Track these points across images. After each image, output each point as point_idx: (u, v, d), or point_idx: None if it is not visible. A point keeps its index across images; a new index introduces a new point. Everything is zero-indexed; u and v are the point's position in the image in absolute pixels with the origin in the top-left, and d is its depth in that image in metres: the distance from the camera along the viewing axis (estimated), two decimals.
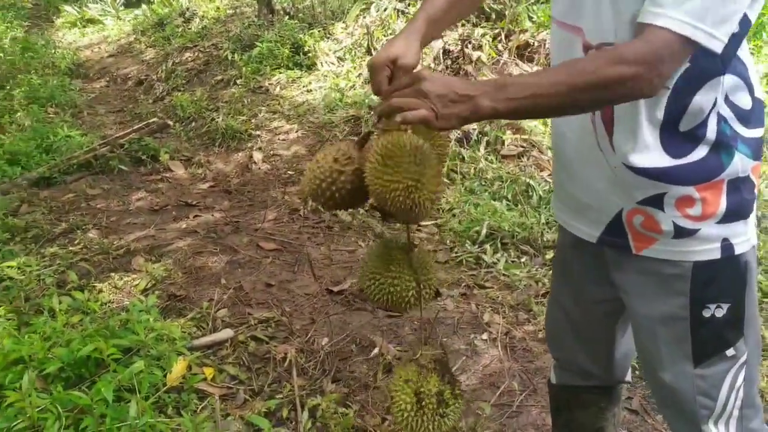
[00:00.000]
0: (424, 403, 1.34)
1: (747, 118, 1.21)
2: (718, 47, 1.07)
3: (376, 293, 1.35)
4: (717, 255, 1.23)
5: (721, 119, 1.19)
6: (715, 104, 1.17)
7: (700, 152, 1.19)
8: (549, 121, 1.39)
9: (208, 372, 2.37)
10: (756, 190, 1.27)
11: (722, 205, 1.21)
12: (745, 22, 1.13)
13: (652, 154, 1.19)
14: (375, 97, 5.06)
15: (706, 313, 1.25)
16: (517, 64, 5.33)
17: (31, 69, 7.14)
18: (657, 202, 1.22)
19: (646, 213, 1.24)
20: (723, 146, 1.19)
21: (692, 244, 1.23)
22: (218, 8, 8.34)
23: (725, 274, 1.24)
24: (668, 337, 1.29)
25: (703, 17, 1.04)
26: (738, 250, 1.24)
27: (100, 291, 2.98)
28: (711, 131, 1.18)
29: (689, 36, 1.05)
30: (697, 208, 1.21)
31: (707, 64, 1.13)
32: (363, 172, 1.22)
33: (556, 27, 1.31)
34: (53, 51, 8.38)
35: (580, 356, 1.61)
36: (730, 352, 1.27)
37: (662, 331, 1.30)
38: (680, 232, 1.23)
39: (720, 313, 1.25)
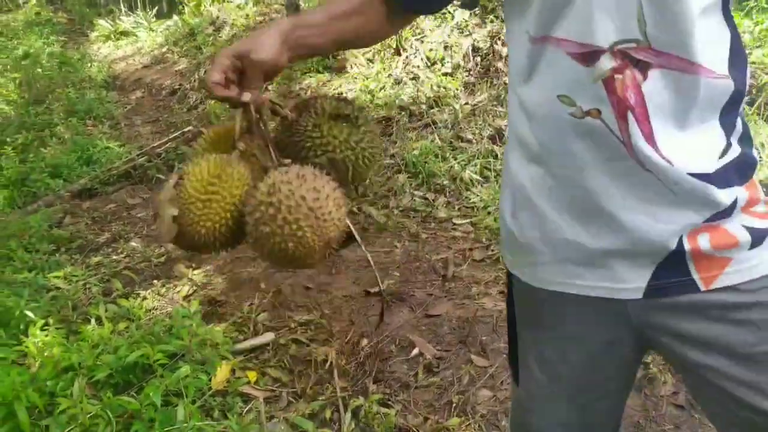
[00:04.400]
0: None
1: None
2: None
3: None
4: None
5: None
6: None
7: (736, 147, 1.00)
8: (527, 160, 1.07)
9: (252, 375, 2.41)
10: None
11: None
12: None
13: (709, 157, 0.97)
14: (405, 98, 5.10)
15: None
16: None
17: (68, 83, 7.33)
18: (727, 210, 0.97)
19: (713, 227, 0.97)
20: (749, 136, 1.03)
21: None
22: (248, 15, 8.43)
23: None
24: (744, 378, 0.99)
25: None
26: None
27: (144, 298, 3.05)
28: (739, 122, 1.01)
29: None
30: (762, 204, 1.00)
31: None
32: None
33: (530, 44, 1.01)
34: (89, 65, 8.59)
35: None
36: None
37: (736, 375, 0.99)
38: (757, 238, 0.98)
39: None
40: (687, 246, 0.97)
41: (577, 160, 0.98)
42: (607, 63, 0.93)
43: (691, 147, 0.95)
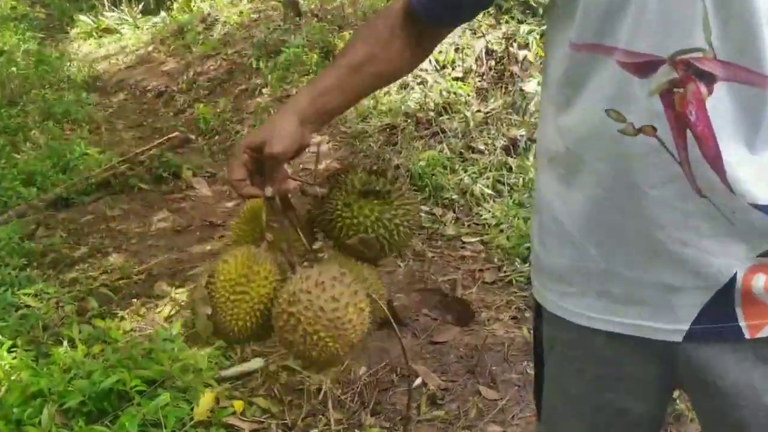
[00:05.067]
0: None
1: None
2: None
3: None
4: None
5: None
6: None
7: None
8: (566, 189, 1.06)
9: (238, 405, 2.41)
10: None
11: None
12: None
13: None
14: (411, 104, 5.12)
15: None
16: None
17: (45, 83, 7.39)
18: None
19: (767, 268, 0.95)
20: None
21: None
22: (241, 12, 8.50)
23: None
24: None
25: None
26: None
27: (122, 318, 3.06)
28: None
29: None
30: None
31: None
32: None
33: (572, 52, 0.99)
34: (68, 64, 8.65)
35: None
36: None
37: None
38: None
39: None
40: (739, 284, 0.94)
41: (624, 182, 0.95)
42: (666, 75, 0.90)
43: (761, 172, 0.92)
